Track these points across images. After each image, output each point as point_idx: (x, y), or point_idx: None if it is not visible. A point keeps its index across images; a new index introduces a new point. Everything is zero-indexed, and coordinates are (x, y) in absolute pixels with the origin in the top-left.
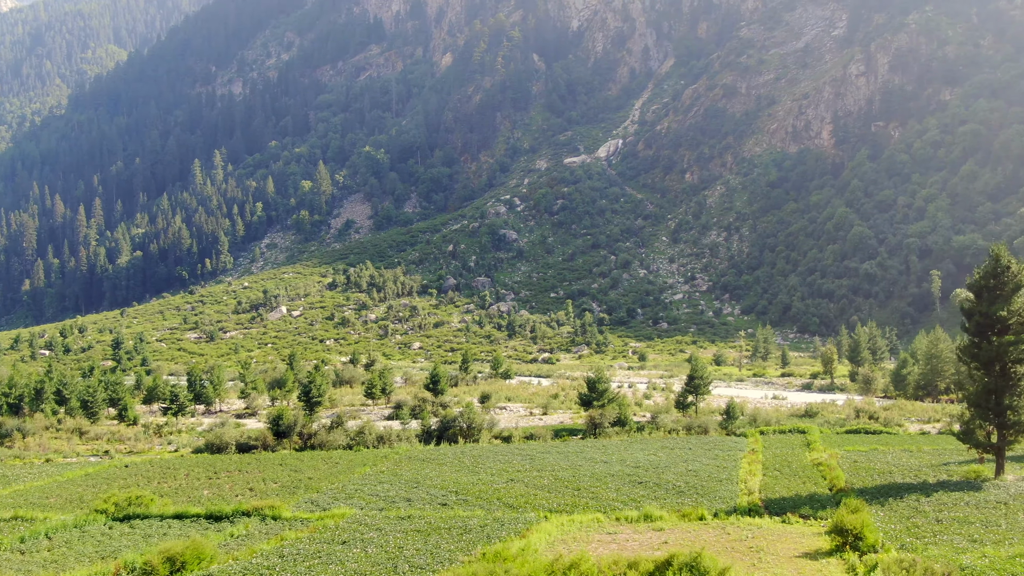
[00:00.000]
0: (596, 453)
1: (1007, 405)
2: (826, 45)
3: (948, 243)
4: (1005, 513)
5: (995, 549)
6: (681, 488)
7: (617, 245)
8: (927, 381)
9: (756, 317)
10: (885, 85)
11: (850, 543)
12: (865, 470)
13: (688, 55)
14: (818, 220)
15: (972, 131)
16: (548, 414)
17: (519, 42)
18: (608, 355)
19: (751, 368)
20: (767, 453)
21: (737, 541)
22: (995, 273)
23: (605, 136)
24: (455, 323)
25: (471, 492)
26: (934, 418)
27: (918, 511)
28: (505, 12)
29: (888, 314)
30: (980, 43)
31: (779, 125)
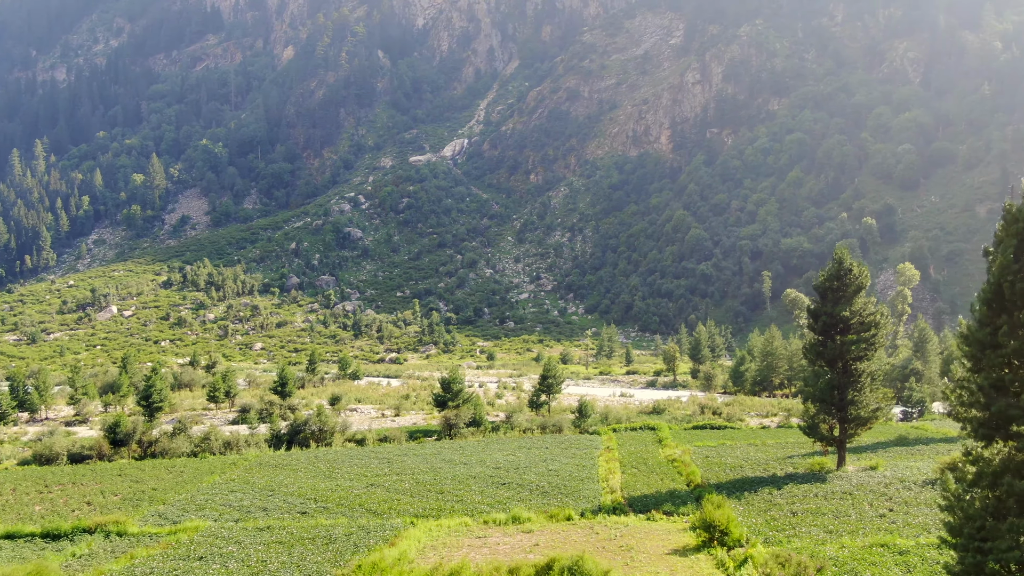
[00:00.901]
0: (455, 455)
1: (849, 400)
2: (664, 53)
3: (777, 245)
4: (852, 503)
5: (851, 539)
6: (545, 488)
7: (463, 244)
8: (763, 377)
9: (599, 316)
10: (719, 93)
11: (717, 538)
12: (718, 465)
13: (532, 57)
14: (658, 222)
15: (798, 140)
16: (401, 415)
17: (363, 38)
18: (456, 354)
19: (597, 366)
20: (622, 450)
21: (607, 540)
22: (838, 276)
23: (451, 135)
24: (299, 323)
25: (331, 499)
26: (772, 412)
27: (773, 504)
28: (349, 7)
29: (723, 313)
30: (805, 57)
31: (620, 129)
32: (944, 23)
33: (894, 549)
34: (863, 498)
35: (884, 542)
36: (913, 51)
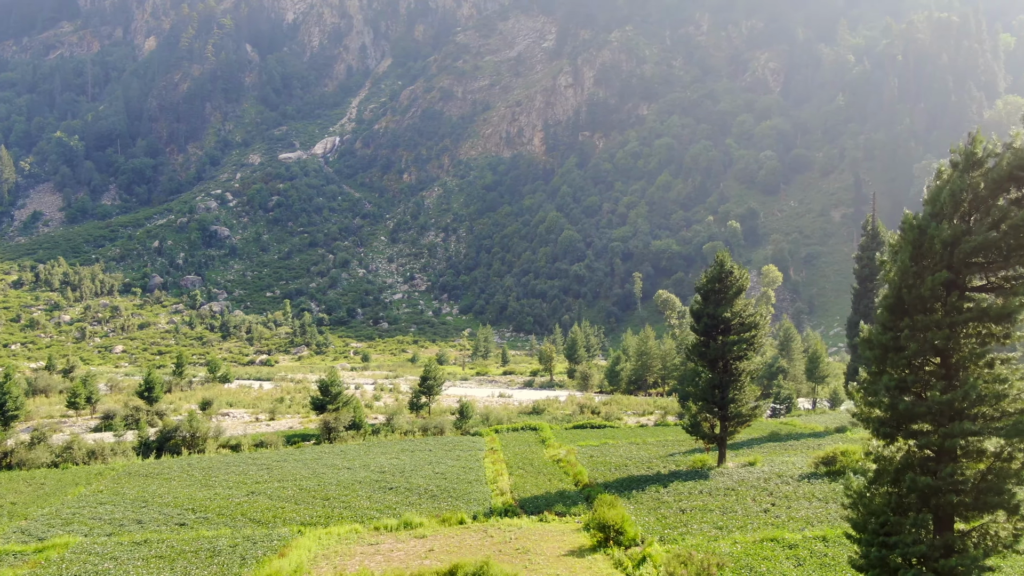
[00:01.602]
0: (337, 459)
1: (730, 399)
2: (537, 56)
3: (647, 247)
4: (736, 499)
5: (742, 535)
6: (434, 492)
7: (335, 244)
8: (638, 376)
9: (474, 316)
10: (591, 97)
11: (612, 538)
12: (603, 464)
13: (406, 56)
14: (531, 223)
15: (667, 144)
16: (276, 419)
17: (231, 30)
18: (329, 356)
19: (474, 367)
20: (507, 452)
21: (502, 544)
22: (720, 278)
23: (322, 133)
24: (163, 324)
25: (210, 508)
26: (648, 411)
27: (662, 502)
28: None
29: (596, 313)
30: (673, 64)
31: (494, 130)
32: (802, 36)
33: (783, 543)
34: (746, 493)
35: (773, 536)
36: (774, 62)
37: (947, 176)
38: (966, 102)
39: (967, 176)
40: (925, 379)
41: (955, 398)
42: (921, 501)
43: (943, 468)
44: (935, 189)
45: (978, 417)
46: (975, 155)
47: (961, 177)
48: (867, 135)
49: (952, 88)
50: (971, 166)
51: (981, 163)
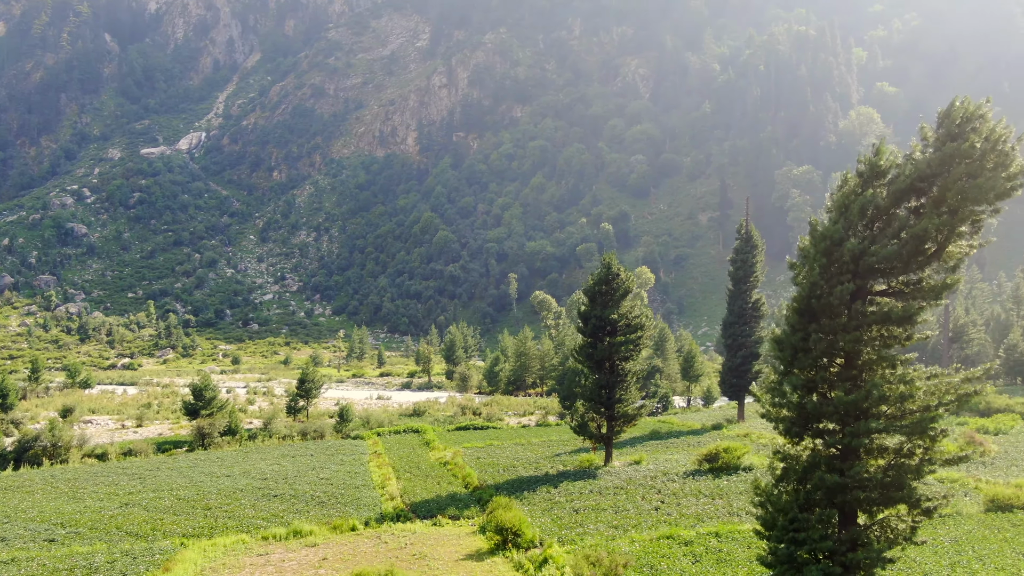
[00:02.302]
0: (214, 466)
1: (616, 399)
2: (411, 55)
3: (522, 248)
4: (627, 498)
5: (638, 533)
6: (321, 499)
7: (202, 243)
8: (517, 377)
9: (348, 317)
10: (465, 98)
11: (510, 540)
12: (491, 466)
13: (275, 51)
14: (406, 223)
15: (540, 147)
16: (144, 426)
17: (88, 18)
18: (197, 359)
19: (349, 368)
20: (392, 455)
21: (398, 549)
22: (607, 280)
23: (187, 128)
24: (14, 327)
25: (81, 523)
26: (529, 411)
27: (554, 503)
28: None
29: (471, 314)
30: (546, 67)
31: (367, 129)
32: (671, 44)
33: (679, 540)
34: (635, 492)
35: (669, 534)
36: (643, 68)
37: (852, 185)
38: (823, 112)
39: (873, 186)
40: (831, 379)
41: (860, 397)
42: (828, 498)
43: (849, 466)
44: (842, 197)
45: (882, 416)
46: (879, 166)
47: (869, 188)
48: (732, 141)
49: (810, 98)
50: (875, 176)
51: (884, 173)
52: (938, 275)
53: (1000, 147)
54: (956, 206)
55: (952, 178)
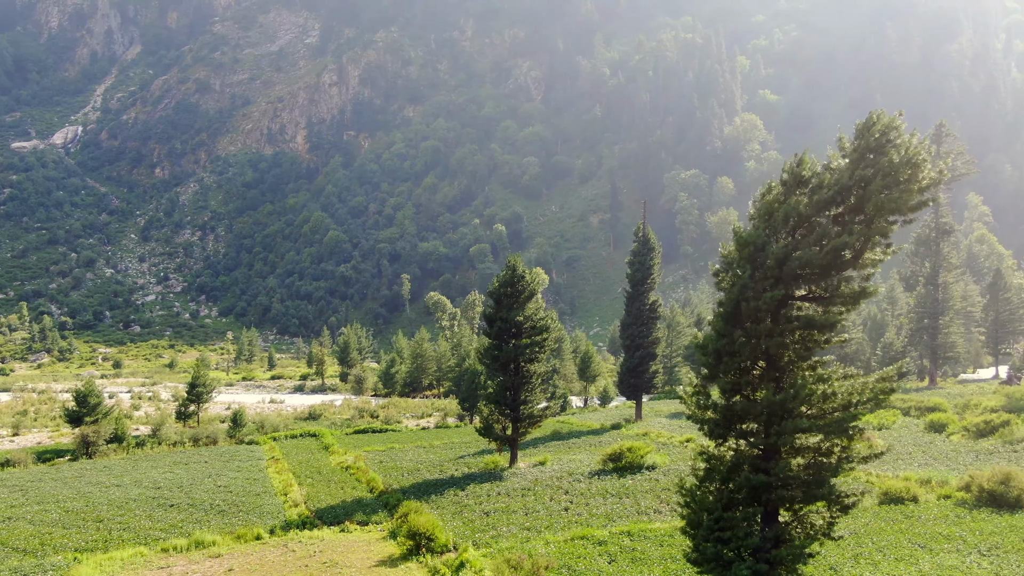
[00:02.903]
0: (102, 476)
1: (522, 400)
2: (300, 52)
3: (415, 249)
4: (535, 499)
5: (552, 535)
6: (221, 507)
7: (79, 242)
8: (413, 378)
9: (235, 319)
10: (356, 97)
11: (424, 545)
12: (395, 470)
13: (157, 44)
14: (295, 223)
15: (433, 147)
16: (21, 434)
17: None
18: (74, 363)
19: (239, 371)
20: (291, 460)
21: (307, 558)
22: (512, 282)
23: (62, 121)
24: None
25: None
26: (427, 413)
27: (463, 506)
28: None
29: (363, 315)
30: (438, 67)
31: (255, 126)
32: (562, 47)
33: (593, 540)
34: (543, 493)
35: (582, 535)
36: (535, 70)
37: (775, 193)
38: (709, 118)
39: (794, 194)
40: (755, 382)
41: (787, 398)
42: (752, 496)
43: (772, 465)
44: (766, 205)
45: (804, 416)
46: (802, 175)
47: (792, 196)
48: (622, 145)
49: (697, 104)
50: (797, 184)
51: (807, 182)
52: (855, 281)
53: (914, 161)
54: (873, 216)
55: (871, 189)
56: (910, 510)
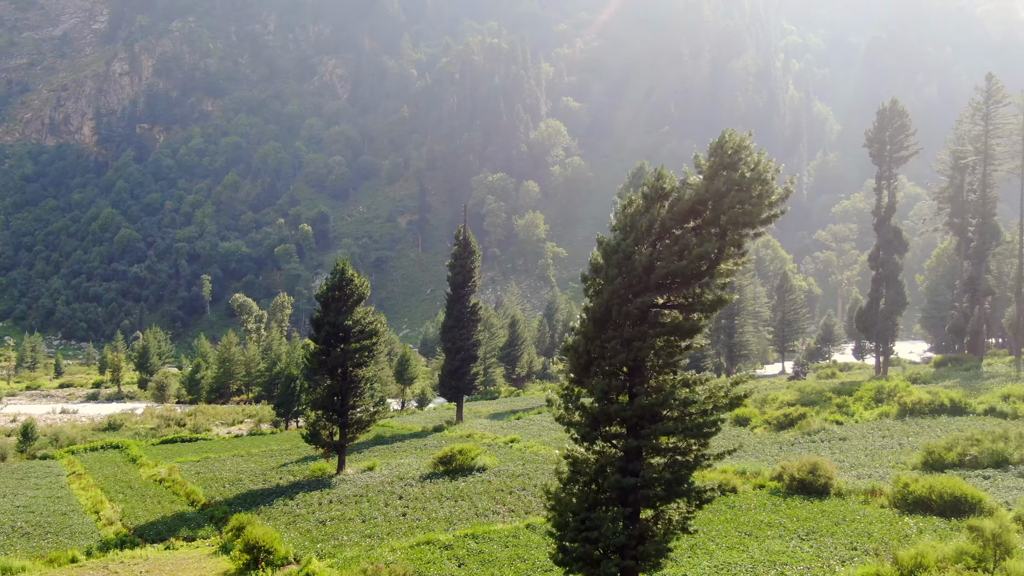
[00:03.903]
0: None
1: (350, 405)
2: (87, 38)
3: (215, 249)
4: (371, 506)
5: (396, 541)
6: (25, 529)
7: None
8: (220, 384)
9: (15, 323)
10: (150, 88)
11: (262, 559)
12: (215, 481)
13: None
14: (82, 220)
15: (234, 143)
16: None
17: None
18: None
19: (21, 380)
20: (96, 475)
21: None
22: (340, 286)
23: None
24: None
25: None
26: (238, 420)
27: (296, 516)
28: None
29: (160, 317)
30: (239, 60)
31: (35, 115)
32: (368, 46)
33: (439, 545)
34: (377, 499)
35: (427, 539)
36: (341, 68)
37: (637, 205)
38: (515, 122)
39: (657, 207)
40: (620, 386)
41: (656, 402)
42: (619, 497)
43: (638, 466)
44: (630, 216)
45: (670, 419)
46: (663, 189)
47: (653, 209)
48: (429, 147)
49: (503, 108)
50: (658, 198)
51: (668, 195)
52: (713, 289)
53: (763, 177)
54: (726, 228)
55: (725, 203)
56: (732, 501)
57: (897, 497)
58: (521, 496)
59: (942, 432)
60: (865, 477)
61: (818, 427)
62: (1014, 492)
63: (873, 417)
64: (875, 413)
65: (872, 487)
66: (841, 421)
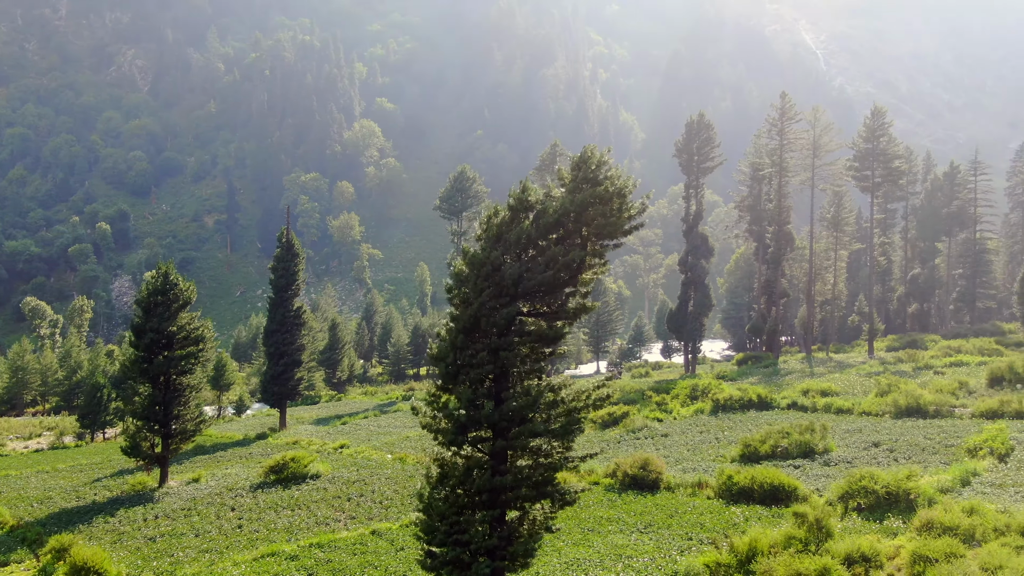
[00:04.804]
0: None
1: (174, 415)
2: None
3: (0, 248)
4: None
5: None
6: None
7: None
8: (13, 395)
9: None
10: None
11: None
12: (20, 500)
13: None
14: None
15: (21, 135)
16: None
17: None
18: None
19: None
20: None
21: None
22: (163, 290)
23: None
24: None
25: None
26: (35, 433)
27: (121, 534)
28: None
29: None
30: (26, 46)
31: None
32: (171, 37)
33: (284, 556)
34: (208, 512)
35: (271, 551)
36: (141, 59)
37: (503, 216)
38: (328, 121)
39: (520, 219)
40: (487, 392)
41: (523, 406)
42: (490, 499)
43: (505, 469)
44: (496, 227)
45: (535, 422)
46: (528, 201)
47: (520, 220)
48: (239, 144)
49: (316, 107)
50: (524, 209)
51: (533, 207)
52: (577, 298)
53: (622, 191)
54: (588, 239)
55: (587, 216)
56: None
57: (722, 488)
58: (360, 503)
59: (753, 426)
60: (690, 471)
61: (641, 424)
62: (822, 479)
63: (690, 413)
64: (692, 410)
65: (699, 480)
66: (661, 418)
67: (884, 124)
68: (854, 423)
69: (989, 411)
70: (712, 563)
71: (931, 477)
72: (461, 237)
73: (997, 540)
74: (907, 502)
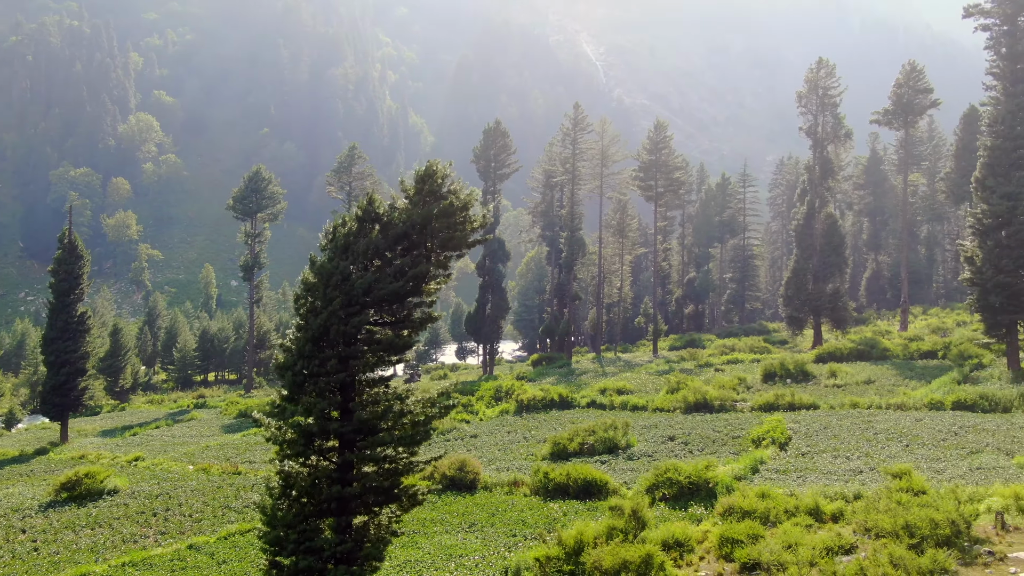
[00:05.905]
0: None
1: None
2: None
3: None
4: None
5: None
6: None
7: None
8: None
9: None
10: None
11: None
12: None
13: None
14: None
15: None
16: None
17: None
18: None
19: None
20: None
21: None
22: None
23: None
24: None
25: None
26: None
27: None
28: None
29: None
30: None
31: None
32: None
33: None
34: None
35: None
36: None
37: (350, 226)
38: (101, 113)
39: (367, 230)
40: (334, 402)
41: (375, 415)
42: (340, 506)
43: (352, 476)
44: (343, 237)
45: (383, 431)
46: (376, 212)
47: (367, 231)
48: None
49: (87, 98)
50: (370, 220)
51: (380, 218)
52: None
53: (467, 205)
54: (433, 250)
55: (433, 228)
56: None
57: (538, 485)
58: (168, 517)
59: (557, 424)
60: (504, 470)
61: (450, 426)
62: (628, 472)
63: (495, 414)
64: (497, 410)
65: (514, 478)
66: (468, 420)
67: (666, 137)
68: (650, 419)
69: (767, 404)
70: (542, 557)
71: (725, 467)
72: (256, 239)
73: (789, 520)
74: (707, 490)
